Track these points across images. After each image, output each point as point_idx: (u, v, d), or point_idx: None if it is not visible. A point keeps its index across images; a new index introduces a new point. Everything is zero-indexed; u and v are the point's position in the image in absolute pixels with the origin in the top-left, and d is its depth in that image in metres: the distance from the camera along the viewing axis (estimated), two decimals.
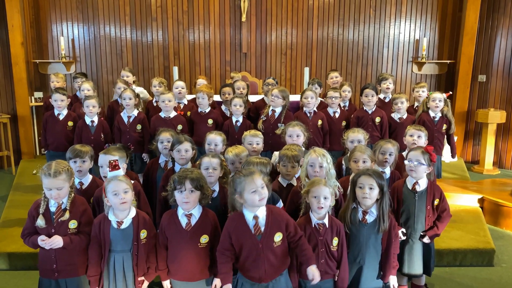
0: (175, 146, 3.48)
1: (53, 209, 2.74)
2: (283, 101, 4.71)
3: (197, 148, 3.70)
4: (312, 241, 2.71)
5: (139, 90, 5.76)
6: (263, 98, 5.45)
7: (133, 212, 2.75)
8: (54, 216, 2.73)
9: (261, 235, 2.55)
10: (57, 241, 2.68)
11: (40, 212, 2.71)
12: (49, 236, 2.71)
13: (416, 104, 5.46)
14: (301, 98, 4.91)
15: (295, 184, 3.28)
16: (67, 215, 2.73)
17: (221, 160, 3.24)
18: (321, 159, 3.01)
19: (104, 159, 3.18)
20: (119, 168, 2.73)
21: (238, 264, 2.64)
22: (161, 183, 3.45)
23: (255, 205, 2.53)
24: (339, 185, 3.13)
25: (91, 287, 2.74)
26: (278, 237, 2.57)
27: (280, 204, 3.08)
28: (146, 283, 2.81)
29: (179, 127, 4.69)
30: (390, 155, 3.51)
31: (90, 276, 2.73)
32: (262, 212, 2.58)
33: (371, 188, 2.75)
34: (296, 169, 3.28)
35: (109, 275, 2.73)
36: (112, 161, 2.73)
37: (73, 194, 2.80)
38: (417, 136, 3.85)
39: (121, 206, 2.66)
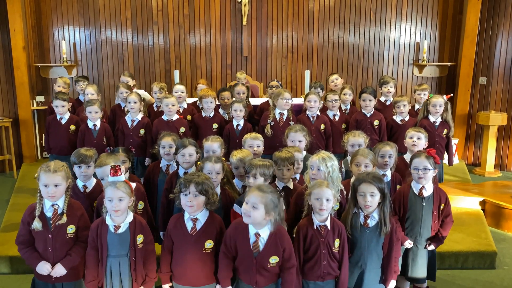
0: (179, 150, 3.48)
1: (49, 214, 2.73)
2: (291, 102, 4.76)
3: (201, 152, 3.69)
4: (314, 242, 2.71)
5: (141, 92, 5.76)
6: (267, 101, 5.46)
7: (130, 216, 2.74)
8: (51, 221, 2.72)
9: (258, 253, 2.56)
10: (59, 272, 2.72)
11: (36, 214, 2.71)
12: (46, 241, 2.71)
13: (417, 106, 5.45)
14: (304, 101, 4.91)
15: (291, 187, 3.28)
16: (64, 218, 2.73)
17: (223, 163, 3.24)
18: (319, 162, 3.00)
19: (100, 172, 3.20)
20: (120, 174, 2.72)
21: (235, 264, 2.67)
22: (165, 186, 3.45)
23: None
24: (343, 189, 3.13)
25: None
26: (273, 259, 2.57)
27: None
28: None
29: (182, 129, 4.70)
30: (389, 157, 3.50)
31: (87, 282, 2.72)
32: (265, 232, 2.57)
33: (372, 195, 2.75)
34: (292, 171, 3.28)
35: (106, 279, 2.72)
36: (113, 166, 2.72)
37: (69, 198, 2.79)
38: (417, 138, 3.85)
39: (113, 213, 2.66)
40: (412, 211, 3.24)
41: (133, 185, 3.16)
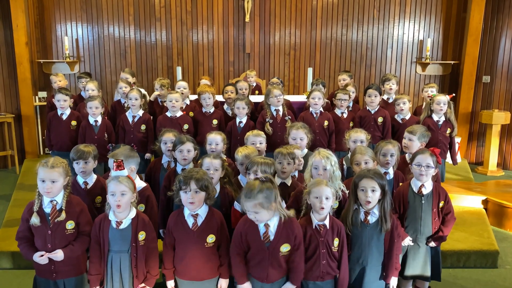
0: (177, 147, 3.48)
1: (47, 210, 2.72)
2: (283, 97, 4.76)
3: (200, 148, 3.70)
4: (313, 242, 2.70)
5: (143, 92, 5.74)
6: None
7: (133, 213, 2.74)
8: (50, 217, 2.71)
9: (269, 243, 2.58)
10: (57, 256, 2.69)
11: (34, 210, 2.69)
12: (45, 237, 2.71)
13: (424, 104, 5.42)
14: (308, 98, 4.90)
15: (288, 183, 3.28)
16: (63, 215, 2.71)
17: (223, 161, 3.24)
18: (325, 162, 3.00)
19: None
20: (123, 168, 2.72)
21: (246, 259, 2.67)
22: (163, 184, 3.45)
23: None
24: (344, 187, 3.11)
25: (91, 286, 2.73)
26: (285, 248, 2.59)
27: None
28: None
29: (185, 126, 4.70)
30: (391, 156, 3.49)
31: (90, 275, 2.73)
32: (273, 222, 2.59)
33: (373, 191, 2.74)
34: (292, 166, 3.27)
35: (107, 275, 2.73)
36: (116, 161, 2.72)
37: (68, 195, 2.77)
38: (408, 139, 3.83)
39: (116, 208, 2.66)
40: (412, 209, 3.23)
41: (142, 184, 3.17)
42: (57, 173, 2.68)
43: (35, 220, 2.68)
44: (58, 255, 2.68)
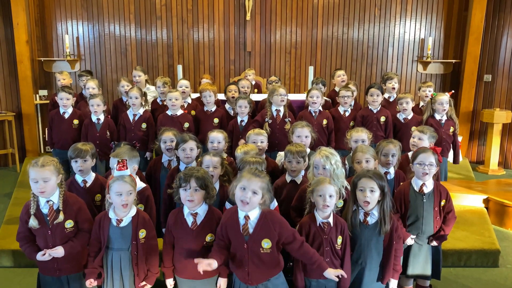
0: (180, 145, 3.48)
1: (45, 210, 2.71)
2: (287, 98, 4.75)
3: (202, 147, 3.69)
4: (317, 239, 2.69)
5: (153, 89, 5.73)
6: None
7: (133, 211, 2.74)
8: (48, 218, 2.71)
9: (248, 236, 2.53)
10: (57, 252, 2.69)
11: (31, 212, 2.69)
12: (46, 237, 2.71)
13: (421, 103, 5.41)
14: (306, 97, 4.89)
15: (298, 181, 3.27)
16: (61, 216, 2.70)
17: (222, 159, 3.25)
18: (324, 161, 2.99)
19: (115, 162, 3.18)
20: (126, 168, 2.72)
21: (230, 259, 2.66)
22: (166, 182, 3.45)
23: (238, 202, 2.52)
24: (348, 185, 3.10)
25: (86, 278, 2.73)
26: (266, 243, 2.53)
27: (275, 204, 3.06)
28: (148, 287, 2.81)
29: (186, 125, 4.69)
30: (392, 156, 3.47)
31: (87, 268, 2.74)
32: (254, 214, 2.54)
33: (372, 191, 2.72)
34: (302, 164, 3.26)
35: (107, 273, 2.73)
36: (121, 161, 2.72)
37: (63, 193, 2.76)
38: (418, 138, 3.81)
39: (122, 208, 2.66)
40: (413, 208, 3.22)
41: (142, 184, 3.17)
42: (48, 172, 2.66)
43: (33, 223, 2.68)
44: (59, 251, 2.70)
